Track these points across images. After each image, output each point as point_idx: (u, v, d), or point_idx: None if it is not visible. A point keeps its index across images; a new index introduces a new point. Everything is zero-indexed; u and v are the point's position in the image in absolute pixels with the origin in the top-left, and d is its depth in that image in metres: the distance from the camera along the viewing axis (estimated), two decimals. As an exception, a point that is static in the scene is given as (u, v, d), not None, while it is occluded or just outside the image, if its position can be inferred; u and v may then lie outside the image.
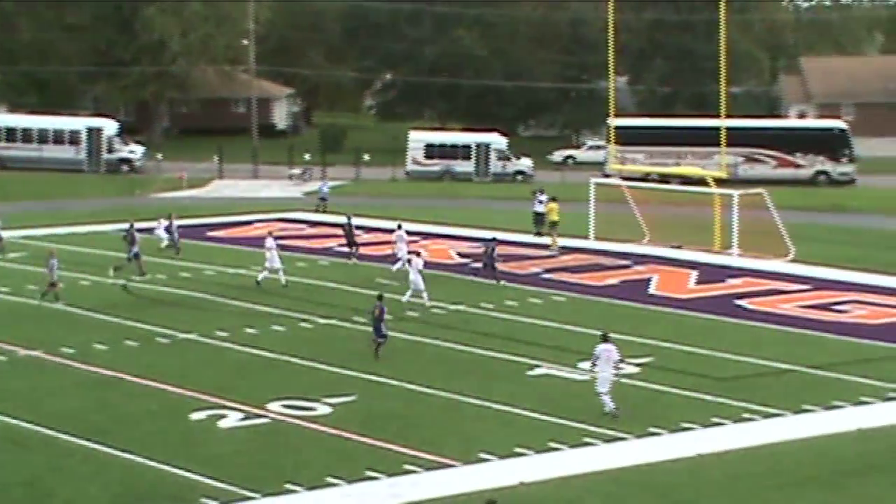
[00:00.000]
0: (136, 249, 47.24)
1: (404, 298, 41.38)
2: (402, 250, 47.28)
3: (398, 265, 46.66)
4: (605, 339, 29.53)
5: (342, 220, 53.14)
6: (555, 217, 54.29)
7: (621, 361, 29.75)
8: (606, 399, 29.07)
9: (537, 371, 33.44)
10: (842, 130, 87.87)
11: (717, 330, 38.96)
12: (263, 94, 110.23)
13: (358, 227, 54.00)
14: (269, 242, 45.87)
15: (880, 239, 59.83)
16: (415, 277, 41.55)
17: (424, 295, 41.48)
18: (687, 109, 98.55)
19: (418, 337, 37.30)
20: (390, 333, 34.95)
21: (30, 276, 46.68)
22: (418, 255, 43.97)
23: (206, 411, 29.39)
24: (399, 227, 49.10)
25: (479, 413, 29.66)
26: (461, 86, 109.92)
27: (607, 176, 70.25)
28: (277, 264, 45.33)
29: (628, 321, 39.73)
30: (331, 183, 73.27)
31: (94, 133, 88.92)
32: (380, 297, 35.41)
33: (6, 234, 54.26)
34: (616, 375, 29.78)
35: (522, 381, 32.55)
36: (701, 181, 58.41)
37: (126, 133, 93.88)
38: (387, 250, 51.26)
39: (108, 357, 34.75)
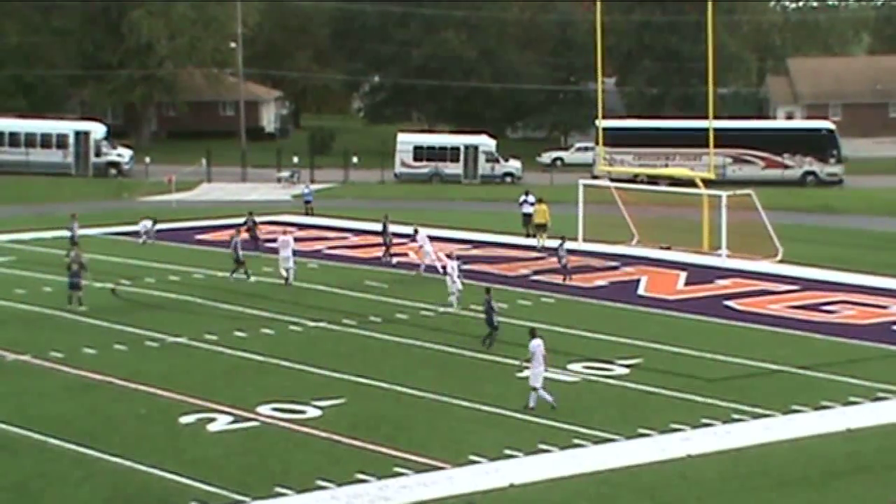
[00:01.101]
0: (239, 254, 47.39)
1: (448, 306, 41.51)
2: (430, 252, 47.40)
3: (439, 266, 46.25)
4: (533, 334, 30.29)
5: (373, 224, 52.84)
6: (541, 220, 54.22)
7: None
8: (543, 394, 29.74)
9: (526, 373, 33.37)
10: (829, 131, 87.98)
11: (706, 331, 38.98)
12: (251, 96, 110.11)
13: (396, 234, 53.51)
14: (284, 240, 46.80)
15: (868, 239, 59.92)
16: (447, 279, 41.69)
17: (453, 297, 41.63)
18: (675, 111, 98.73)
19: (408, 339, 37.27)
20: (380, 336, 34.82)
21: (19, 281, 46.60)
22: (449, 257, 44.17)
23: (196, 415, 29.35)
24: (416, 231, 49.12)
25: (469, 415, 29.66)
26: (449, 88, 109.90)
27: (596, 177, 70.31)
28: (289, 264, 46.21)
29: (617, 322, 39.78)
30: (314, 186, 73.14)
31: (81, 137, 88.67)
32: (487, 291, 36.89)
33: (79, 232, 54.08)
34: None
35: (511, 382, 32.53)
36: (689, 182, 58.46)
37: (114, 136, 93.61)
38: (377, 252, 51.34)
39: (96, 361, 34.68)
